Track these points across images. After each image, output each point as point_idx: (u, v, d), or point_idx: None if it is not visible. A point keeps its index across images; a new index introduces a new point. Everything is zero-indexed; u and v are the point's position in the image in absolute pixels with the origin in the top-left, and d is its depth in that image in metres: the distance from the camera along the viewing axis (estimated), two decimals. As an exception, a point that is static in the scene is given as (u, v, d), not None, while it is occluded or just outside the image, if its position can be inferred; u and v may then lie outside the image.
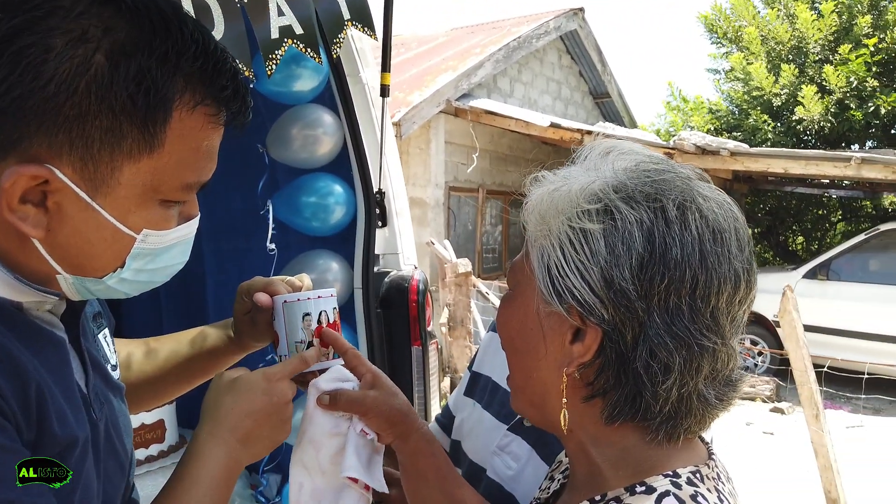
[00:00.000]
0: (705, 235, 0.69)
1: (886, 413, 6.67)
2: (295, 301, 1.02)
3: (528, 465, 1.10)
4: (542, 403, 0.78)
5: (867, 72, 10.35)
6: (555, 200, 0.73)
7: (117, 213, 0.72)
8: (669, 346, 0.68)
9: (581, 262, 0.69)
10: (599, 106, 12.21)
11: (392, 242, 2.66)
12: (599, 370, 0.71)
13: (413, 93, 7.78)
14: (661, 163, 0.74)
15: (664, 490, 0.68)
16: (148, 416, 2.62)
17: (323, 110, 2.52)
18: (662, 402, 0.69)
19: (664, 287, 0.67)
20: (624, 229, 0.68)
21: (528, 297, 0.76)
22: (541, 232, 0.74)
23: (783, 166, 7.59)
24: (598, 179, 0.72)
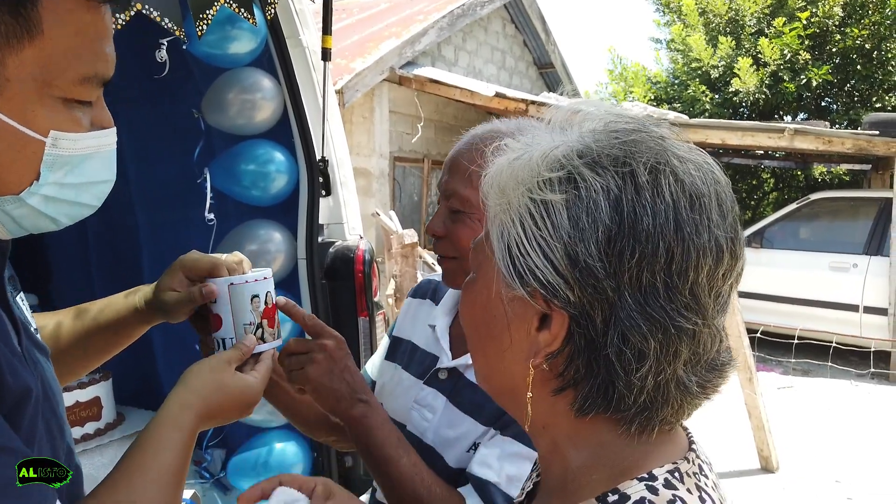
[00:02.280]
0: (681, 202, 0.60)
1: (815, 374, 6.99)
2: (242, 283, 0.99)
3: (444, 414, 1.17)
4: (511, 395, 0.69)
5: (800, 45, 10.65)
6: (515, 170, 0.64)
7: (16, 114, 0.68)
8: (643, 330, 0.59)
9: (542, 238, 0.60)
10: (543, 76, 12.25)
11: (336, 212, 2.61)
12: (568, 359, 0.63)
13: (356, 60, 7.63)
14: (631, 122, 0.65)
15: (638, 498, 0.61)
16: (83, 393, 2.52)
17: (261, 74, 2.43)
18: (637, 392, 0.61)
19: (635, 262, 0.59)
20: (588, 199, 0.60)
21: (489, 280, 0.67)
22: (500, 206, 0.64)
23: (721, 137, 7.76)
24: (563, 144, 0.64)
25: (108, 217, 3.09)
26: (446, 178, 1.17)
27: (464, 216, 1.13)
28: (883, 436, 5.30)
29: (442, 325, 1.26)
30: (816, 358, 6.84)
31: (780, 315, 7.20)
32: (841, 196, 8.54)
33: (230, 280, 0.99)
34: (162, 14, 1.71)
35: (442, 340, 1.24)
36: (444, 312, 1.28)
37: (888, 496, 4.26)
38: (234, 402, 0.92)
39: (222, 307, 0.99)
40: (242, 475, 2.53)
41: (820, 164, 10.64)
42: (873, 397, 6.31)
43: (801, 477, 4.52)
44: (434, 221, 1.17)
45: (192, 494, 2.27)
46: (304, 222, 2.49)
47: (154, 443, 0.82)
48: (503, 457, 1.10)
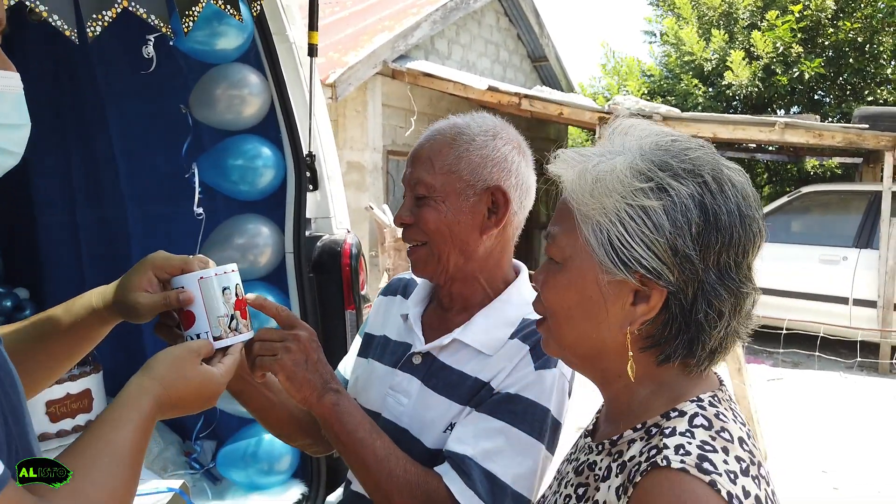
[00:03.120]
0: (740, 201, 0.81)
1: (804, 366, 7.04)
2: (212, 276, 1.00)
3: (419, 397, 1.22)
4: (595, 357, 0.88)
5: (793, 38, 10.67)
6: (599, 180, 0.82)
7: None
8: (722, 296, 0.81)
9: (645, 234, 0.79)
10: (538, 69, 12.23)
11: (324, 206, 2.63)
12: (664, 323, 0.82)
13: (348, 53, 7.63)
14: (683, 139, 0.85)
15: (693, 412, 0.82)
16: (73, 385, 2.55)
17: (248, 70, 2.45)
18: (714, 343, 0.83)
19: (717, 248, 0.80)
20: (680, 203, 0.79)
21: (584, 268, 0.84)
22: (594, 210, 0.82)
23: (712, 131, 7.79)
24: (637, 158, 0.83)
25: (99, 210, 3.11)
26: (410, 170, 1.24)
27: (429, 200, 1.20)
28: (870, 427, 5.36)
29: (414, 313, 1.30)
30: (805, 349, 6.90)
31: (771, 307, 7.24)
32: (831, 189, 8.58)
33: (199, 274, 1.00)
34: (148, 11, 1.73)
35: (415, 326, 1.28)
36: (415, 303, 1.33)
37: (874, 486, 4.32)
38: (195, 393, 0.92)
39: (195, 304, 0.99)
40: (232, 466, 2.57)
41: (812, 158, 10.68)
42: (861, 388, 6.37)
43: (789, 467, 4.58)
44: (401, 212, 1.23)
45: (182, 484, 2.31)
46: (291, 216, 2.51)
47: (110, 422, 0.82)
48: (478, 433, 1.13)
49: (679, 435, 0.79)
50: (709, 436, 0.79)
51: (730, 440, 0.79)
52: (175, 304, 1.00)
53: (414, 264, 1.25)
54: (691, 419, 0.81)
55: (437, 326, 1.28)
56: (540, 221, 12.73)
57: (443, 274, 1.24)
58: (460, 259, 1.22)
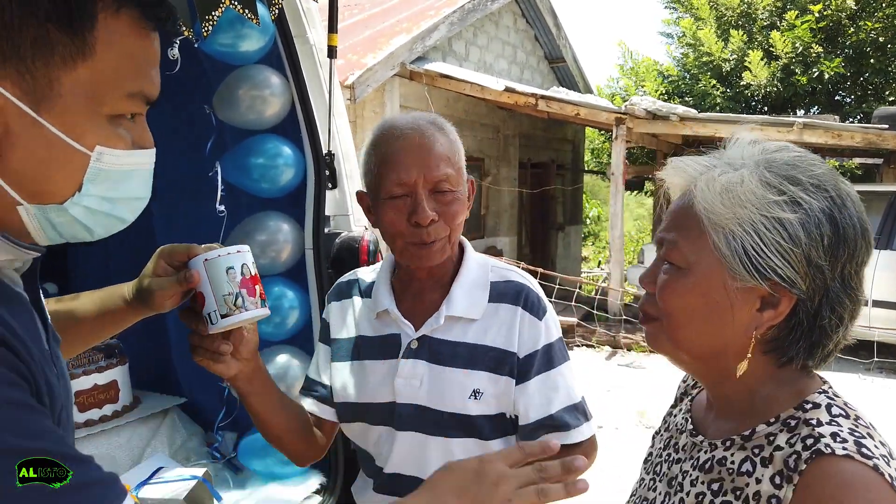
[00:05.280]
0: (860, 214, 0.87)
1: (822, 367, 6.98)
2: (216, 257, 1.07)
3: (431, 374, 1.31)
4: (713, 358, 0.92)
5: (812, 38, 10.59)
6: (729, 190, 0.87)
7: (66, 128, 0.72)
8: (844, 303, 0.87)
9: (782, 245, 0.84)
10: (555, 70, 12.24)
11: (342, 204, 2.69)
12: (790, 328, 0.87)
13: (367, 55, 7.68)
14: (805, 154, 0.91)
15: (826, 403, 0.88)
16: (100, 376, 2.63)
17: (270, 71, 2.52)
18: (832, 346, 0.89)
19: (844, 259, 0.86)
20: (814, 216, 0.84)
21: (711, 273, 0.88)
22: (727, 219, 0.86)
23: (730, 131, 7.60)
24: (765, 171, 0.87)
25: (125, 209, 3.19)
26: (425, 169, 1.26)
27: (455, 194, 1.29)
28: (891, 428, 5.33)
29: (392, 306, 1.36)
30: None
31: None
32: (851, 190, 8.49)
33: (204, 256, 1.07)
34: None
35: (400, 318, 1.35)
36: (387, 297, 1.38)
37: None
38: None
39: (202, 284, 1.06)
40: (253, 456, 2.64)
41: (832, 159, 10.60)
42: (881, 390, 6.33)
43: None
44: (422, 212, 1.25)
45: (205, 472, 2.38)
46: (310, 214, 2.58)
47: None
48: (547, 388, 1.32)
49: (827, 424, 0.83)
50: (851, 424, 0.84)
51: (868, 427, 0.85)
52: (184, 283, 1.06)
53: (431, 257, 1.29)
54: (828, 409, 0.86)
55: (417, 311, 1.35)
56: (556, 222, 12.75)
57: (446, 256, 1.33)
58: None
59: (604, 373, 6.97)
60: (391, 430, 1.33)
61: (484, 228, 10.15)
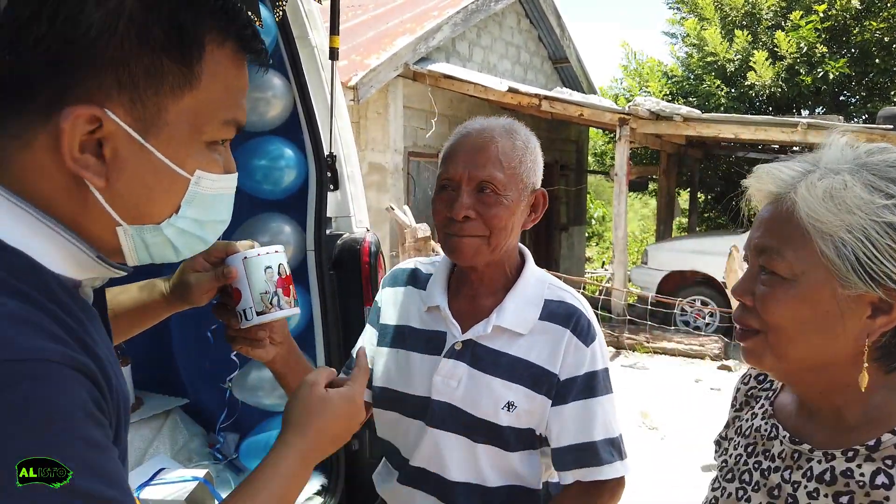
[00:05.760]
0: None
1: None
2: (256, 256, 1.10)
3: (470, 378, 1.33)
4: (821, 369, 0.91)
5: (817, 38, 10.57)
6: (833, 196, 0.85)
7: (170, 154, 0.76)
8: None
9: (894, 249, 0.83)
10: (558, 71, 12.22)
11: (344, 205, 2.69)
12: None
13: (370, 56, 7.69)
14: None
15: None
16: (103, 378, 2.64)
17: (272, 73, 2.52)
18: None
19: None
20: None
21: (819, 283, 0.86)
22: (836, 226, 0.85)
23: (733, 132, 7.76)
24: (867, 175, 0.86)
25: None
26: (472, 166, 1.29)
27: (500, 198, 1.29)
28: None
29: (444, 304, 1.39)
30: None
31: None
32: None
33: (244, 255, 1.10)
34: None
35: (450, 317, 1.38)
36: (440, 293, 1.41)
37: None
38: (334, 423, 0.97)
39: (240, 281, 1.10)
40: (254, 457, 2.65)
41: (836, 159, 10.55)
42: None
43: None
44: (459, 207, 1.29)
45: (206, 473, 2.39)
46: (312, 215, 2.57)
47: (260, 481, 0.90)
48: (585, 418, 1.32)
49: None
50: None
51: None
52: (222, 279, 1.11)
53: (463, 252, 1.31)
54: None
55: (467, 313, 1.38)
56: (560, 222, 12.73)
57: (487, 261, 1.34)
58: (504, 248, 1.35)
59: (607, 374, 6.95)
60: (422, 424, 1.36)
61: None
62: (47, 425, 0.62)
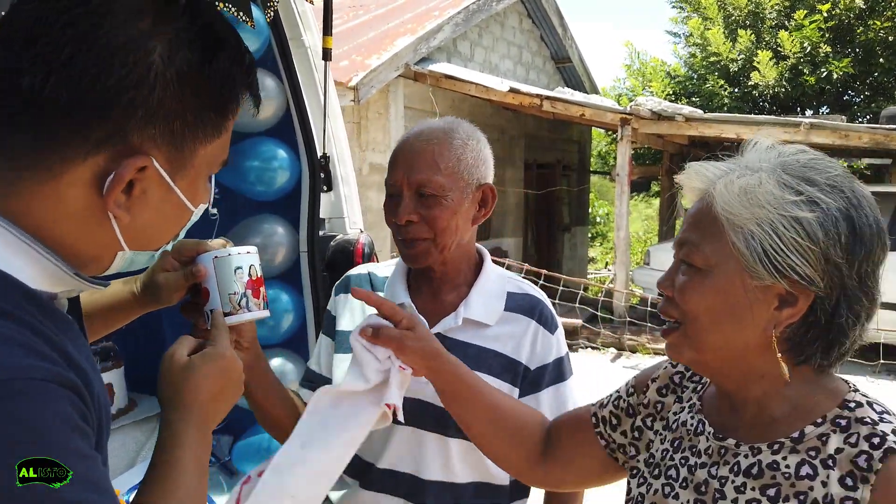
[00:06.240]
0: (876, 215, 0.89)
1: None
2: (226, 256, 1.08)
3: None
4: (736, 360, 0.93)
5: (821, 37, 10.53)
6: (748, 192, 0.88)
7: (186, 192, 0.81)
8: (861, 301, 0.89)
9: (800, 243, 0.85)
10: (561, 71, 12.20)
11: (338, 206, 2.67)
12: (807, 327, 0.89)
13: (371, 56, 7.67)
14: (821, 157, 0.93)
15: (866, 401, 0.90)
16: (95, 380, 2.62)
17: (264, 73, 2.51)
18: (848, 345, 0.90)
19: (861, 258, 0.87)
20: (831, 216, 0.86)
21: (731, 274, 0.90)
22: (747, 219, 0.88)
23: (735, 132, 7.73)
24: (782, 173, 0.89)
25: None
26: (410, 171, 1.32)
27: (439, 199, 1.31)
28: None
29: (409, 301, 1.36)
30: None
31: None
32: (859, 191, 8.42)
33: (214, 254, 1.08)
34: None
35: (416, 314, 1.33)
36: (403, 292, 1.41)
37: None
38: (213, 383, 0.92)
39: (209, 280, 1.07)
40: (247, 460, 2.63)
41: (840, 160, 10.51)
42: (889, 393, 6.26)
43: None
44: (403, 211, 1.31)
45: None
46: (305, 217, 2.56)
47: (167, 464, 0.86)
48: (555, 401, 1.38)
49: (882, 422, 0.86)
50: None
51: None
52: (191, 278, 1.09)
53: (414, 258, 1.35)
54: (871, 407, 0.89)
55: (431, 310, 1.38)
56: (562, 223, 12.71)
57: (439, 261, 1.36)
58: (454, 247, 1.36)
59: (608, 375, 6.93)
60: (392, 424, 1.31)
61: (489, 229, 10.12)
62: (36, 442, 0.63)
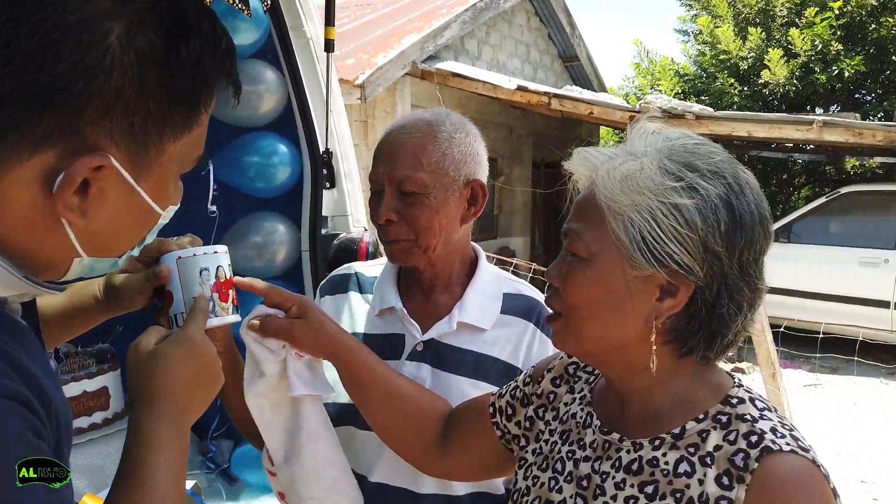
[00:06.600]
0: (759, 202, 0.86)
1: (842, 371, 6.83)
2: (190, 256, 1.00)
3: (434, 380, 1.26)
4: (617, 352, 0.90)
5: (832, 35, 10.40)
6: (629, 178, 0.85)
7: (152, 193, 0.73)
8: (743, 291, 0.85)
9: (678, 231, 0.82)
10: (569, 69, 12.12)
11: (341, 204, 2.61)
12: (689, 317, 0.86)
13: (378, 54, 7.61)
14: (706, 142, 0.90)
15: (748, 397, 0.87)
16: (90, 383, 2.55)
17: (265, 66, 2.44)
18: (732, 336, 0.87)
19: (741, 247, 0.84)
20: (710, 202, 0.83)
21: (611, 263, 0.86)
22: (626, 206, 0.84)
23: (747, 129, 7.60)
24: (664, 159, 0.86)
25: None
26: (390, 167, 1.24)
27: (420, 197, 1.23)
28: (912, 435, 5.15)
29: (399, 304, 1.32)
30: (844, 354, 6.70)
31: (808, 311, 7.03)
32: (871, 190, 8.32)
33: (178, 254, 1.00)
34: None
35: (406, 318, 1.31)
36: (392, 294, 1.34)
37: (915, 497, 4.15)
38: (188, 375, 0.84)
39: (172, 282, 0.99)
40: (247, 467, 2.55)
41: (852, 158, 10.38)
42: (903, 396, 6.14)
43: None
44: (383, 209, 1.24)
45: (194, 485, 2.29)
46: (307, 214, 2.51)
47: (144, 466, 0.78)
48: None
49: (762, 420, 0.83)
50: (777, 417, 0.85)
51: (785, 419, 0.86)
52: (153, 280, 1.00)
53: (396, 255, 1.28)
54: (753, 403, 0.86)
55: (423, 312, 1.32)
56: (571, 223, 12.61)
57: (424, 261, 1.29)
58: (441, 247, 1.28)
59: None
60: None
61: (497, 228, 10.04)
62: None
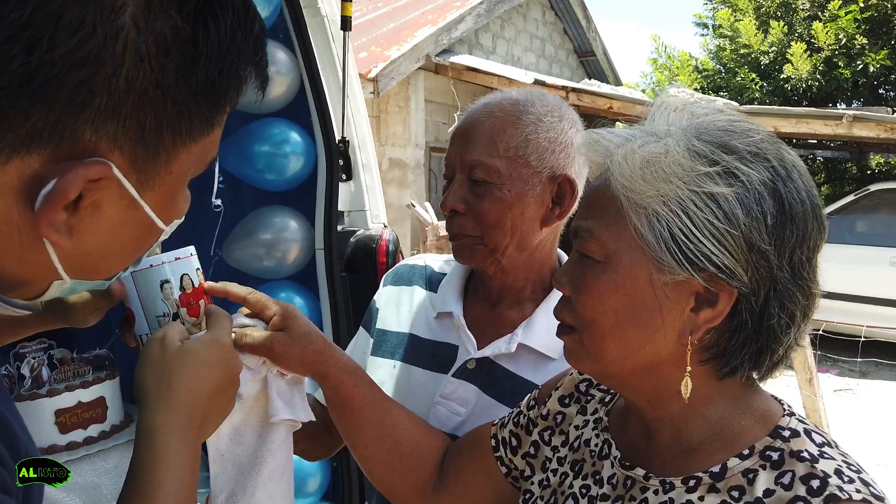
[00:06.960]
0: (810, 188, 0.72)
1: (873, 376, 6.65)
2: (147, 268, 0.85)
3: (479, 405, 1.11)
4: (644, 374, 0.76)
5: (856, 29, 10.27)
6: (651, 163, 0.71)
7: (157, 206, 0.63)
8: (796, 297, 0.71)
9: (716, 226, 0.69)
10: (584, 64, 12.07)
11: (358, 198, 2.45)
12: (731, 331, 0.72)
13: (391, 48, 7.53)
14: (741, 118, 0.75)
15: (804, 429, 0.73)
16: (85, 393, 2.35)
17: (275, 46, 2.25)
18: (782, 352, 0.74)
19: (792, 243, 0.70)
20: (752, 190, 0.69)
21: (634, 266, 0.73)
22: (649, 197, 0.71)
23: (773, 124, 7.38)
24: (693, 139, 0.72)
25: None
26: (461, 149, 1.09)
27: (491, 187, 1.06)
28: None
29: (458, 311, 1.15)
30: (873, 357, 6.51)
31: (836, 313, 6.82)
32: (903, 187, 8.10)
33: (130, 267, 0.82)
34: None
35: (464, 328, 1.14)
36: (454, 298, 1.17)
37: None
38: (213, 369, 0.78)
39: (131, 299, 0.86)
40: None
41: (877, 155, 10.15)
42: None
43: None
44: (450, 198, 1.08)
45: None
46: (322, 209, 2.32)
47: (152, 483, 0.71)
48: None
49: (823, 459, 0.69)
50: (840, 454, 0.71)
51: (849, 456, 0.72)
52: (109, 299, 0.87)
53: (458, 252, 1.11)
54: (809, 436, 0.72)
55: (486, 324, 1.15)
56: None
57: (494, 265, 1.11)
58: (515, 252, 1.10)
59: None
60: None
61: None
62: None
